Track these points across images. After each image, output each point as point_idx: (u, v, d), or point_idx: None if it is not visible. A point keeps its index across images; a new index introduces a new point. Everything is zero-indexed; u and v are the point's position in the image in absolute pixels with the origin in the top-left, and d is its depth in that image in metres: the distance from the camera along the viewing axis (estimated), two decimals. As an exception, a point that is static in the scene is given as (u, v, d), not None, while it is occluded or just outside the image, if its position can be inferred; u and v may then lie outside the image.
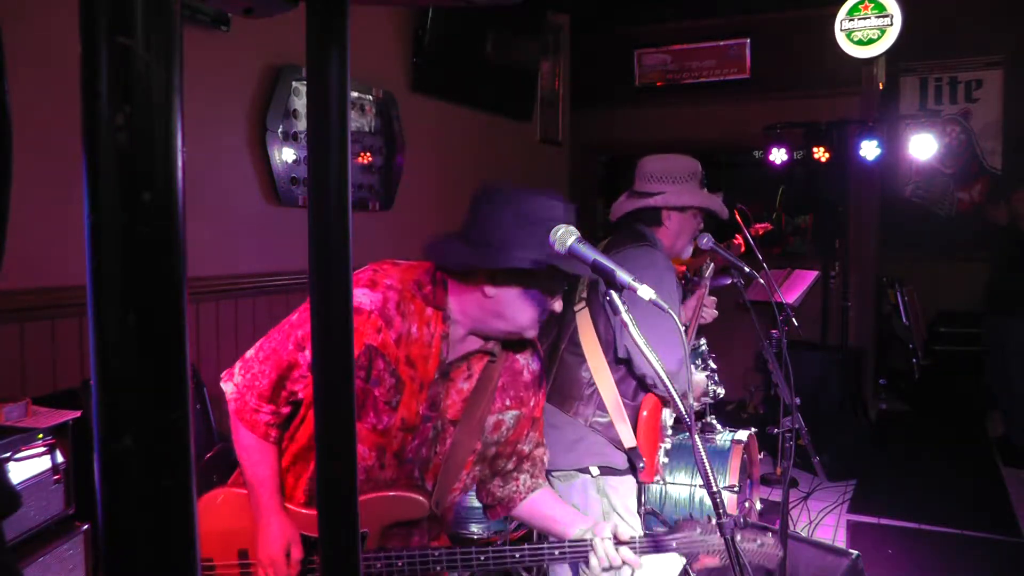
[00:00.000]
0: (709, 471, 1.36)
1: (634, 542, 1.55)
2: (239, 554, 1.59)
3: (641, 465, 2.37)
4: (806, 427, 2.71)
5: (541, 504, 1.74)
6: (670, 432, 2.75)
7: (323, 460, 0.49)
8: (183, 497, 0.35)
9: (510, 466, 1.73)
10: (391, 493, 1.55)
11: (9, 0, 2.32)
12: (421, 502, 1.56)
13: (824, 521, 4.16)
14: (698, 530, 1.58)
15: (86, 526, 2.03)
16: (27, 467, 1.88)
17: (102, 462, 0.33)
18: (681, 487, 3.40)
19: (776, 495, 4.32)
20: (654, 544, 1.57)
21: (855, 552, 2.50)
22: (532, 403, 1.70)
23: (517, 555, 1.54)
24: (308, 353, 1.48)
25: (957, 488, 4.67)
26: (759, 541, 1.61)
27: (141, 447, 0.33)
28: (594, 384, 2.36)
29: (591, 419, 2.36)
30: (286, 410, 1.55)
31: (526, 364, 1.69)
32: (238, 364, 1.57)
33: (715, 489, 1.36)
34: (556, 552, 1.57)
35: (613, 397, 2.35)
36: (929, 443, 5.66)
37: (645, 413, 2.38)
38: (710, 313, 2.85)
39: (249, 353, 1.56)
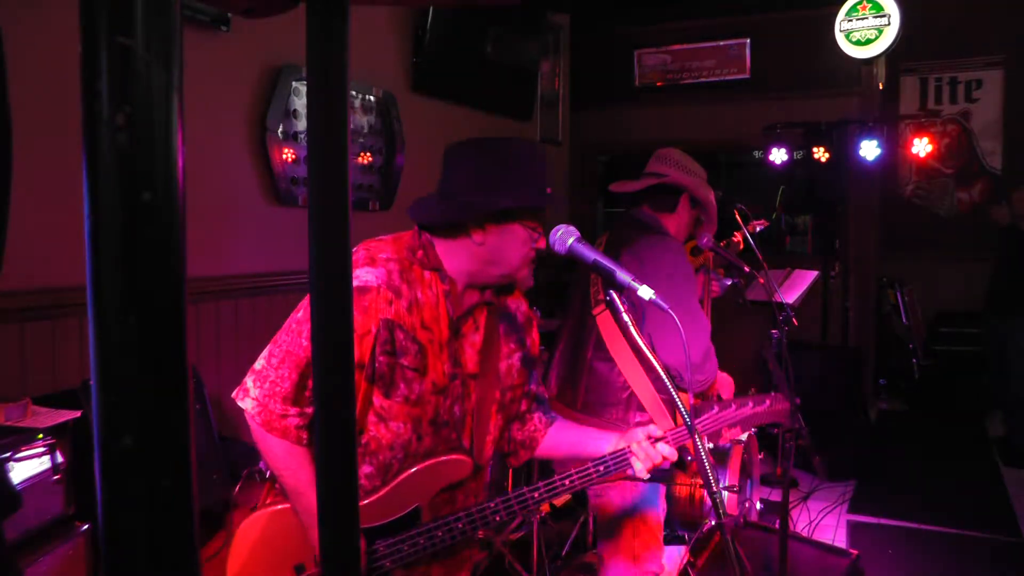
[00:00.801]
0: (709, 471, 1.36)
1: (667, 436, 1.62)
2: (295, 570, 1.57)
3: (690, 458, 2.37)
4: (806, 427, 2.71)
5: (563, 433, 1.80)
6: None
7: (323, 461, 0.49)
8: (183, 497, 0.35)
9: (523, 407, 1.79)
10: (433, 461, 1.56)
11: (9, 0, 2.32)
12: (464, 461, 1.58)
13: (824, 521, 4.16)
14: (715, 409, 1.67)
15: (86, 526, 2.03)
16: (27, 467, 1.88)
17: (102, 462, 0.33)
18: (681, 486, 3.40)
19: (776, 495, 4.32)
20: (683, 434, 1.64)
21: (855, 552, 2.50)
22: (529, 343, 1.76)
23: (567, 482, 1.59)
24: None
25: (957, 488, 4.66)
26: (767, 402, 1.66)
27: (141, 447, 0.33)
28: (629, 386, 2.34)
29: (633, 423, 2.35)
30: (311, 410, 1.53)
31: (517, 307, 1.75)
32: (249, 379, 1.53)
33: (715, 489, 1.36)
34: (601, 468, 1.61)
35: (650, 394, 2.34)
36: (929, 443, 5.66)
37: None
38: (721, 284, 2.87)
39: (259, 364, 1.53)
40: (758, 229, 4.27)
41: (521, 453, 1.81)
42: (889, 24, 5.23)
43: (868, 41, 5.30)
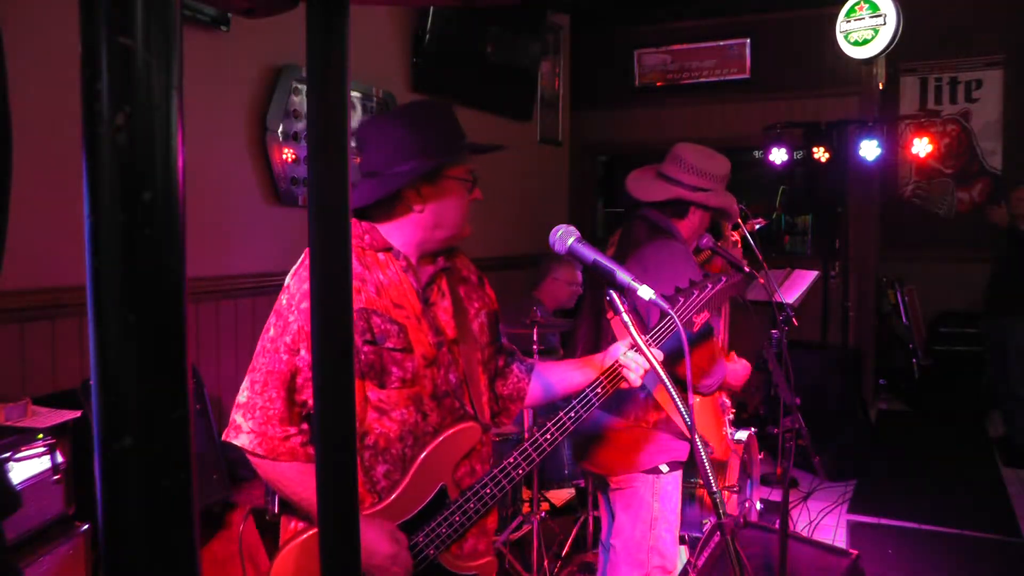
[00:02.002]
0: (709, 471, 1.36)
1: (649, 339, 1.67)
2: None
3: (709, 449, 2.38)
4: (806, 427, 2.71)
5: (547, 375, 1.83)
6: (724, 403, 2.75)
7: (323, 462, 0.49)
8: (183, 497, 0.35)
9: (501, 363, 1.81)
10: (443, 435, 1.56)
11: (9, 0, 2.32)
12: (472, 427, 1.59)
13: (824, 521, 4.16)
14: (681, 300, 1.74)
15: (86, 526, 2.03)
16: (27, 467, 1.88)
17: (102, 462, 0.33)
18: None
19: (776, 495, 4.32)
20: (662, 335, 1.70)
21: (855, 552, 2.50)
22: (487, 299, 1.79)
23: (572, 414, 1.63)
24: (304, 352, 1.47)
25: (957, 488, 4.66)
26: (723, 280, 1.78)
27: (141, 447, 0.33)
28: (647, 386, 2.36)
29: (653, 420, 2.38)
30: (306, 426, 1.50)
31: (468, 268, 1.78)
32: (236, 415, 1.48)
33: (715, 489, 1.36)
34: (599, 390, 1.65)
35: (665, 395, 2.34)
36: (929, 443, 5.66)
37: (697, 400, 2.37)
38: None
39: (242, 398, 1.48)
40: (756, 227, 4.29)
41: (511, 408, 1.82)
42: (885, 24, 5.21)
43: (865, 41, 5.30)
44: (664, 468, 2.37)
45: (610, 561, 2.48)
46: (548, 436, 1.60)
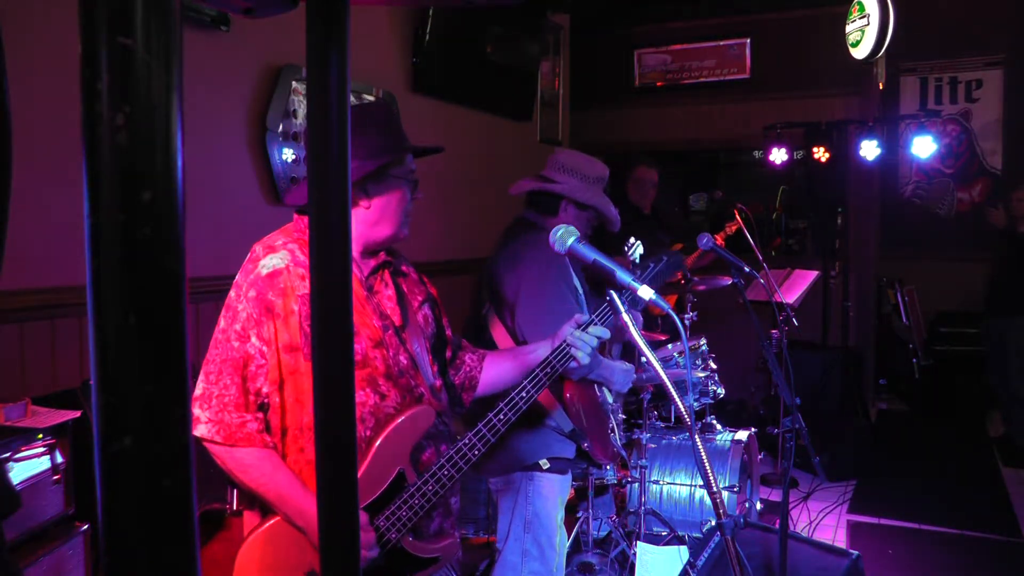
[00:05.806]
0: (709, 471, 1.36)
1: (593, 319, 1.71)
2: None
3: (586, 444, 2.40)
4: (806, 427, 2.71)
5: (499, 361, 1.88)
6: (613, 407, 2.75)
7: (323, 455, 0.49)
8: (183, 497, 0.35)
9: (449, 354, 1.86)
10: (396, 420, 1.58)
11: (9, 0, 2.32)
12: (425, 409, 1.63)
13: (824, 521, 4.16)
14: (637, 272, 1.74)
15: (86, 526, 2.03)
16: (27, 467, 1.88)
17: (102, 462, 0.33)
18: (681, 487, 3.40)
19: (776, 495, 4.32)
20: (610, 311, 1.71)
21: (855, 552, 2.50)
22: (430, 292, 1.84)
23: (524, 393, 1.66)
24: (255, 339, 1.52)
25: (957, 488, 4.66)
26: (664, 259, 1.81)
27: (141, 447, 0.33)
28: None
29: (536, 417, 2.40)
30: (261, 415, 1.53)
31: (406, 264, 1.83)
32: (193, 407, 1.50)
33: (715, 489, 1.36)
34: (548, 369, 1.68)
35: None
36: (929, 443, 5.66)
37: (568, 395, 2.40)
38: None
39: (198, 390, 1.51)
40: (733, 230, 4.44)
41: (464, 396, 1.87)
42: (869, 24, 5.19)
43: (857, 43, 5.29)
44: (544, 464, 2.39)
45: (496, 564, 2.48)
46: (501, 416, 1.64)
